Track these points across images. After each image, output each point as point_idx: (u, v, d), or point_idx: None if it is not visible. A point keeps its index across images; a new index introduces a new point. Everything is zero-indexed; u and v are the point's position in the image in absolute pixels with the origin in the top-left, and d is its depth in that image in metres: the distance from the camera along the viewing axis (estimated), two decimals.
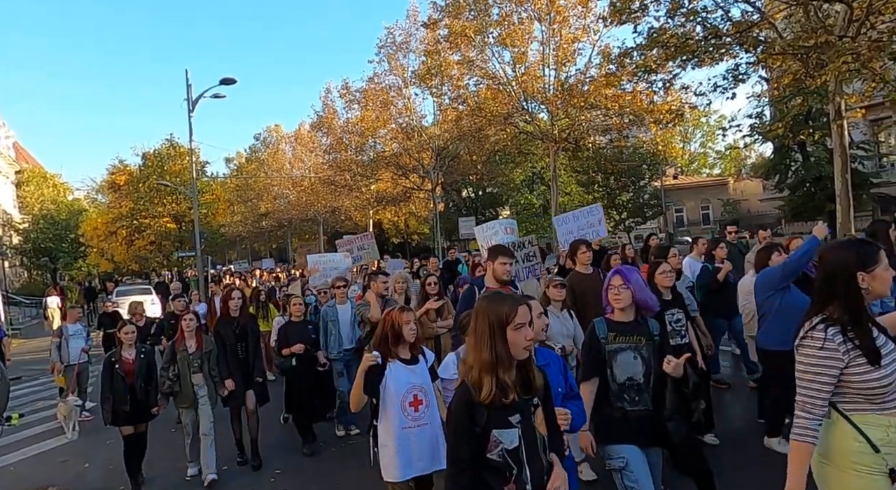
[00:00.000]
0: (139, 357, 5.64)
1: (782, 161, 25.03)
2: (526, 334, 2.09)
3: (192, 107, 20.34)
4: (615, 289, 3.22)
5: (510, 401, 2.07)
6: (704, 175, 50.71)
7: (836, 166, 11.35)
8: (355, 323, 6.52)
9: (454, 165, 27.78)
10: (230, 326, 5.94)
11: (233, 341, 5.86)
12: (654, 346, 3.19)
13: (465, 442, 2.09)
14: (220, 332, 5.89)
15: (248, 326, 6.09)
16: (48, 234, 37.16)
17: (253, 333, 6.12)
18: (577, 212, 7.97)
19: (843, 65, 9.31)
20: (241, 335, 5.93)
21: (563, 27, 19.07)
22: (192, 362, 5.65)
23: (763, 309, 4.76)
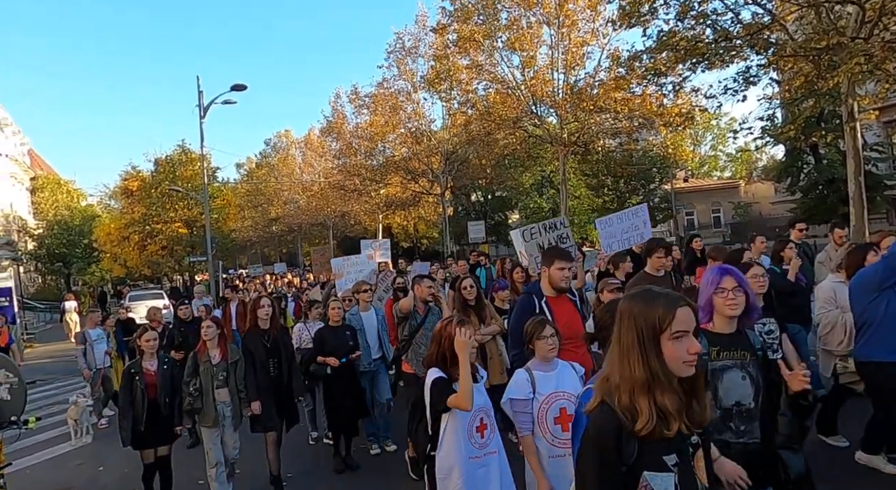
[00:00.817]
0: (162, 367, 5.03)
1: (794, 163, 24.82)
2: (689, 346, 1.61)
3: (203, 113, 20.57)
4: (727, 292, 2.60)
5: (672, 434, 1.61)
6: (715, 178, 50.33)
7: (849, 169, 11.24)
8: (383, 331, 6.11)
9: (463, 169, 27.83)
10: (260, 339, 5.28)
11: (263, 357, 5.22)
12: (758, 363, 2.63)
13: (607, 484, 1.60)
14: (249, 345, 5.28)
15: (280, 340, 5.40)
16: (62, 240, 37.59)
17: (286, 348, 5.47)
18: (622, 214, 7.36)
19: (856, 66, 9.22)
20: (272, 350, 5.28)
21: (571, 31, 19.08)
22: (216, 375, 5.03)
23: (865, 317, 4.16)
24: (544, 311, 3.79)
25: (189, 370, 5.11)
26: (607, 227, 7.14)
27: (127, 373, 5.03)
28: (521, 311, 3.90)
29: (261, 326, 5.33)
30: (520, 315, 3.81)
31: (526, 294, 4.11)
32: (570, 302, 4.05)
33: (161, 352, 5.19)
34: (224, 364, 5.08)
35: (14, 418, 4.39)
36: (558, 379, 3.12)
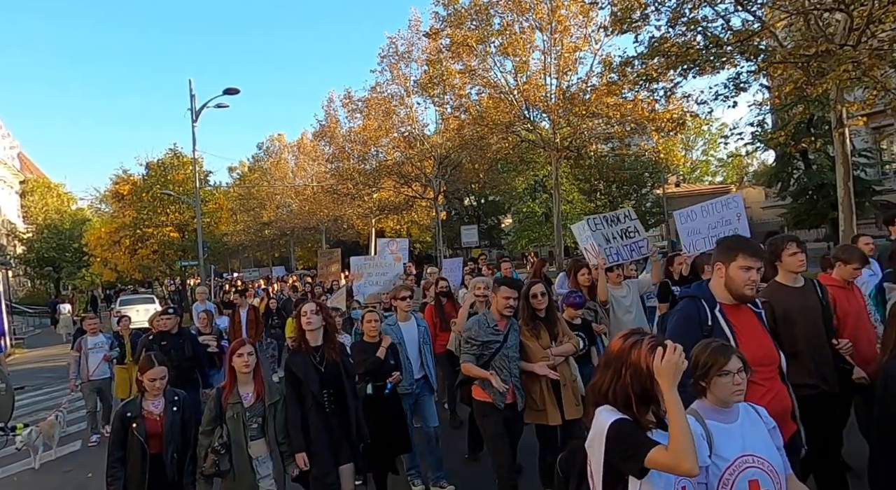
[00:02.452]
0: (170, 410, 3.63)
1: (784, 169, 25.03)
2: None
3: (195, 116, 20.49)
4: None
5: None
6: (707, 183, 50.62)
7: (838, 174, 11.36)
8: (425, 345, 5.11)
9: (456, 174, 27.89)
10: (309, 362, 3.89)
11: (315, 387, 3.82)
12: None
13: None
14: (295, 372, 3.85)
15: (340, 365, 3.97)
16: (52, 244, 37.27)
17: (348, 375, 4.04)
18: (709, 204, 5.84)
19: (844, 73, 9.33)
20: (328, 377, 3.88)
21: (564, 36, 19.22)
22: (248, 422, 3.68)
23: None
24: (720, 326, 2.69)
25: (210, 416, 3.67)
26: (689, 222, 5.86)
27: (120, 418, 3.60)
28: (685, 323, 2.73)
29: (310, 343, 3.93)
30: (683, 329, 2.68)
31: (690, 299, 2.84)
32: (755, 315, 2.82)
33: (167, 387, 3.73)
34: (260, 406, 3.73)
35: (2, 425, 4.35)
36: (743, 434, 2.16)
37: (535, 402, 4.21)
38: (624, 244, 5.67)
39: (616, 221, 5.66)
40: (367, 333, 4.86)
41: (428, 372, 5.11)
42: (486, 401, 4.07)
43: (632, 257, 5.73)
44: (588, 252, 6.00)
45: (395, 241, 9.48)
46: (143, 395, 3.68)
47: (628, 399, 1.96)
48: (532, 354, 4.20)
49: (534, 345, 4.22)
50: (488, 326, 4.10)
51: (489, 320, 4.14)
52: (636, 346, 1.98)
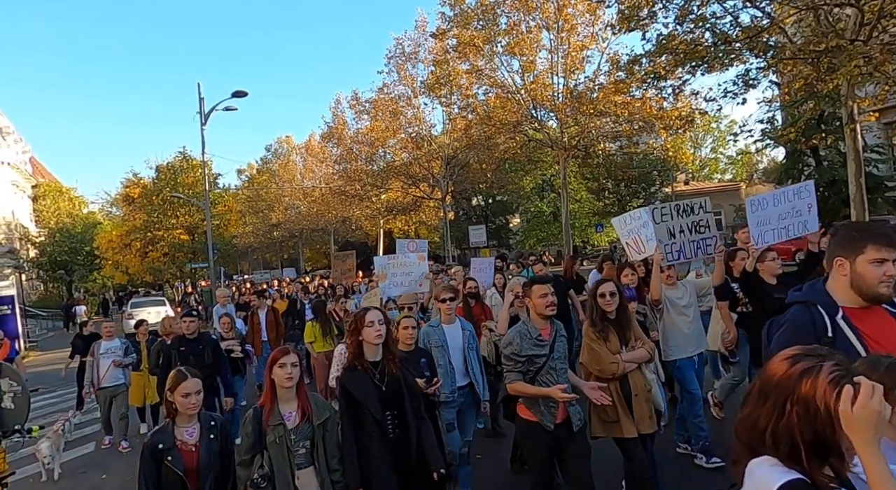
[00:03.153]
0: (206, 438, 3.05)
1: (795, 166, 24.84)
2: None
3: (204, 120, 20.62)
4: None
5: None
6: (716, 180, 50.36)
7: (850, 170, 11.25)
8: (471, 350, 4.68)
9: (464, 174, 27.89)
10: (368, 380, 3.28)
11: (376, 408, 3.21)
12: None
13: None
14: (351, 390, 3.25)
15: (401, 382, 3.37)
16: (64, 248, 37.71)
17: (413, 394, 3.44)
18: (781, 192, 5.22)
19: (855, 68, 9.25)
20: (390, 398, 3.29)
21: (571, 35, 19.17)
22: (294, 447, 3.06)
23: None
24: (844, 336, 2.18)
25: (249, 442, 3.06)
26: (760, 211, 5.12)
27: (151, 451, 2.95)
28: (797, 336, 2.17)
29: (368, 358, 3.34)
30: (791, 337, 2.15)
31: (802, 306, 2.31)
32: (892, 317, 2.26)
33: (202, 411, 3.13)
34: (307, 428, 3.11)
35: (18, 427, 4.40)
36: None
37: (605, 412, 3.81)
38: (691, 240, 5.06)
39: (689, 212, 4.98)
40: (403, 341, 4.22)
41: (475, 379, 4.60)
42: (533, 420, 3.55)
43: (695, 256, 5.15)
44: (630, 247, 5.50)
45: (414, 242, 9.24)
46: (175, 419, 3.03)
47: (795, 448, 1.40)
48: (600, 359, 3.83)
49: (602, 349, 3.83)
50: (530, 338, 3.56)
51: (531, 330, 3.59)
52: (809, 376, 1.40)
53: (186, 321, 5.94)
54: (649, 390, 3.93)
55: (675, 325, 4.94)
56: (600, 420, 3.85)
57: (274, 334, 8.98)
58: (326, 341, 7.47)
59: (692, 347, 4.98)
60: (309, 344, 7.77)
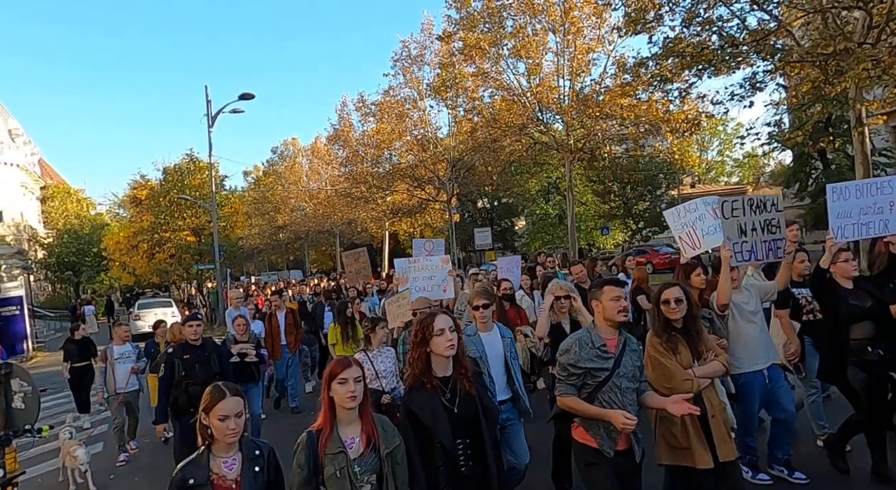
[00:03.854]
0: (250, 470, 2.49)
1: (802, 169, 24.74)
2: None
3: (211, 122, 20.74)
4: None
5: None
6: (722, 183, 50.17)
7: (857, 174, 11.21)
8: (513, 360, 4.18)
9: (469, 176, 27.90)
10: (437, 401, 2.75)
11: (447, 435, 2.68)
12: None
13: None
14: (418, 413, 2.72)
15: (476, 401, 2.83)
16: (71, 249, 37.98)
17: (488, 416, 2.90)
18: (864, 184, 4.73)
19: (863, 71, 9.23)
20: (463, 422, 2.76)
21: (577, 38, 19.16)
22: (357, 481, 2.49)
23: None
24: None
25: (303, 475, 2.47)
26: (842, 201, 4.61)
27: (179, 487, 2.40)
28: None
29: (436, 372, 2.79)
30: None
31: None
32: None
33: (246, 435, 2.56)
34: (374, 458, 2.54)
35: (28, 427, 4.44)
36: None
37: (674, 437, 3.30)
38: (763, 239, 4.59)
39: (762, 209, 4.54)
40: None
41: (518, 393, 4.10)
42: (591, 445, 3.01)
43: (767, 258, 4.69)
44: (683, 242, 5.02)
45: (431, 241, 8.84)
46: (211, 448, 2.45)
47: None
48: (670, 376, 3.32)
49: (672, 364, 3.35)
50: (592, 347, 3.02)
51: (594, 339, 3.05)
52: None
53: (192, 326, 5.39)
54: (724, 408, 3.42)
55: (743, 332, 4.30)
56: (668, 446, 3.33)
57: (293, 337, 8.64)
58: (348, 345, 7.13)
59: (763, 358, 4.30)
60: (331, 346, 7.54)
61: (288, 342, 8.58)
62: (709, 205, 4.99)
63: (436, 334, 2.78)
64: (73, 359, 8.87)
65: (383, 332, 5.14)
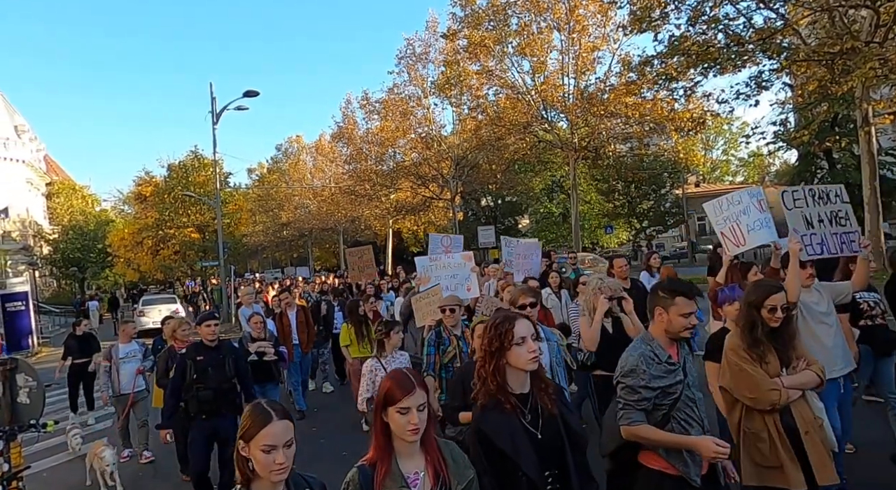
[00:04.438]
0: None
1: (808, 168, 24.63)
2: None
3: (216, 119, 20.78)
4: None
5: None
6: (727, 183, 50.01)
7: (864, 173, 11.17)
8: (559, 366, 3.77)
9: (473, 174, 27.89)
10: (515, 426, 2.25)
11: (536, 470, 2.19)
12: None
13: None
14: (495, 442, 2.21)
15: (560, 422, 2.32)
16: (77, 245, 38.16)
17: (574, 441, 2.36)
18: None
19: (871, 71, 9.19)
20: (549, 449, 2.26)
21: (582, 36, 19.11)
22: None
23: None
24: None
25: None
26: None
27: None
28: None
29: (513, 388, 2.29)
30: None
31: None
32: None
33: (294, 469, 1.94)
34: None
35: (33, 422, 4.46)
36: None
37: (761, 454, 2.90)
38: (833, 231, 4.27)
39: (825, 200, 4.24)
40: None
41: None
42: (669, 472, 2.56)
43: (841, 252, 4.31)
44: (725, 238, 4.60)
45: (448, 237, 8.44)
46: (251, 486, 1.88)
47: None
48: (755, 385, 2.92)
49: (758, 372, 2.93)
50: (659, 362, 2.62)
51: (657, 352, 2.64)
52: None
53: (210, 325, 4.86)
54: (821, 425, 2.98)
55: (816, 336, 3.86)
56: (755, 464, 2.92)
57: (305, 336, 8.23)
58: (362, 346, 6.75)
59: (838, 365, 3.88)
60: (344, 347, 7.16)
61: (300, 341, 8.17)
62: (754, 197, 4.49)
63: (516, 343, 2.29)
64: (73, 355, 8.66)
65: (398, 337, 4.79)
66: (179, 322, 6.29)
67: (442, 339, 4.66)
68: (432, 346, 4.59)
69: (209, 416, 4.67)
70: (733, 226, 4.55)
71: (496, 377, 2.29)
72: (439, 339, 4.63)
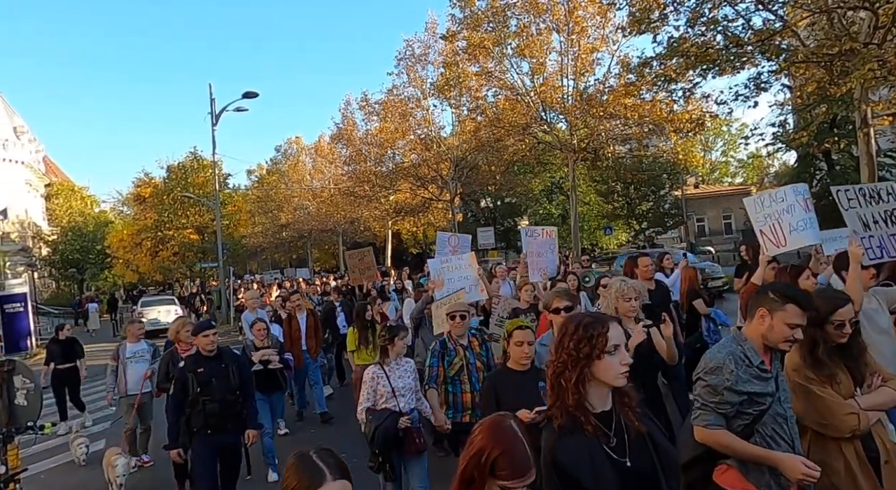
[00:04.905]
0: None
1: (807, 170, 24.65)
2: None
3: (215, 120, 20.81)
4: None
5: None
6: (726, 184, 50.08)
7: (863, 175, 11.16)
8: None
9: (473, 176, 27.88)
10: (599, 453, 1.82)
11: None
12: None
13: None
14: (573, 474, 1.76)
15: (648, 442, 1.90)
16: (76, 246, 38.17)
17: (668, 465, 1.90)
18: None
19: (869, 72, 9.18)
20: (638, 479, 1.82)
21: (581, 37, 19.11)
22: None
23: None
24: None
25: None
26: None
27: None
28: None
29: (593, 407, 1.89)
30: None
31: None
32: None
33: None
34: None
35: (30, 424, 4.45)
36: None
37: (835, 483, 2.52)
38: (890, 233, 4.01)
39: (876, 199, 4.00)
40: (517, 359, 3.30)
41: None
42: None
43: None
44: (765, 237, 4.29)
45: (455, 236, 8.06)
46: None
47: None
48: (829, 411, 2.54)
49: (828, 394, 2.55)
50: (749, 365, 2.32)
51: (749, 355, 2.34)
52: None
53: (208, 335, 4.53)
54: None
55: (876, 348, 3.37)
56: None
57: (314, 342, 7.80)
58: (368, 352, 6.40)
59: None
60: (350, 353, 6.86)
61: (308, 347, 7.71)
62: (800, 194, 4.18)
63: (608, 352, 1.85)
64: (56, 360, 8.47)
65: (403, 344, 4.33)
66: (183, 322, 5.93)
67: (447, 350, 4.31)
68: (436, 357, 4.31)
69: (214, 432, 4.44)
70: (774, 224, 4.22)
71: (578, 390, 1.85)
72: (444, 350, 4.32)
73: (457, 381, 4.25)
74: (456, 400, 4.27)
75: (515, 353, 3.21)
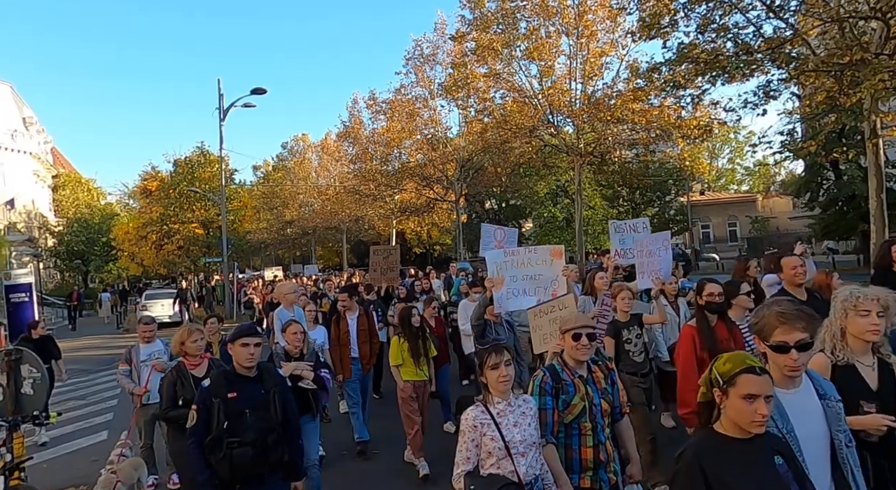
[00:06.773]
0: None
1: (814, 179, 24.58)
2: None
3: (223, 115, 20.88)
4: None
5: None
6: (732, 191, 49.90)
7: (870, 185, 11.13)
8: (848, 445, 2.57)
9: (478, 177, 27.91)
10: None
11: None
12: None
13: None
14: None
15: None
16: (81, 238, 38.35)
17: None
18: None
19: (880, 82, 9.15)
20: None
21: (590, 41, 19.09)
22: None
23: None
24: None
25: None
26: None
27: None
28: None
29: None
30: None
31: None
32: None
33: None
34: None
35: (36, 413, 4.50)
36: None
37: None
38: None
39: None
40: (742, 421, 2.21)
41: None
42: None
43: None
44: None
45: (501, 230, 7.11)
46: None
47: None
48: None
49: None
50: None
51: None
52: None
53: (249, 344, 3.20)
54: None
55: None
56: None
57: (367, 348, 6.29)
58: (420, 366, 5.35)
59: None
60: (394, 368, 5.50)
61: (361, 354, 6.23)
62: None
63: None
64: None
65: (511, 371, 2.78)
66: (189, 330, 4.40)
67: (563, 384, 2.93)
68: (549, 395, 2.91)
69: (247, 488, 3.11)
70: None
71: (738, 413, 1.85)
72: (558, 385, 2.93)
73: (574, 430, 2.91)
74: (571, 455, 2.91)
75: (742, 410, 1.86)
